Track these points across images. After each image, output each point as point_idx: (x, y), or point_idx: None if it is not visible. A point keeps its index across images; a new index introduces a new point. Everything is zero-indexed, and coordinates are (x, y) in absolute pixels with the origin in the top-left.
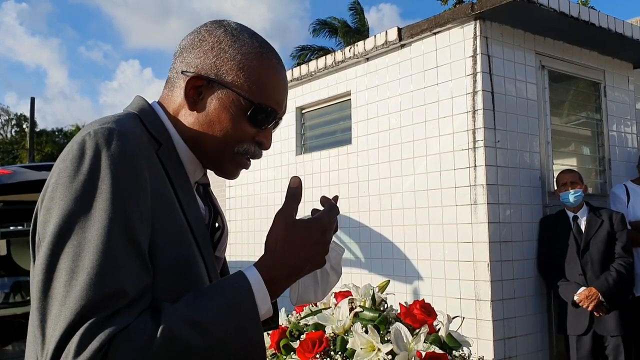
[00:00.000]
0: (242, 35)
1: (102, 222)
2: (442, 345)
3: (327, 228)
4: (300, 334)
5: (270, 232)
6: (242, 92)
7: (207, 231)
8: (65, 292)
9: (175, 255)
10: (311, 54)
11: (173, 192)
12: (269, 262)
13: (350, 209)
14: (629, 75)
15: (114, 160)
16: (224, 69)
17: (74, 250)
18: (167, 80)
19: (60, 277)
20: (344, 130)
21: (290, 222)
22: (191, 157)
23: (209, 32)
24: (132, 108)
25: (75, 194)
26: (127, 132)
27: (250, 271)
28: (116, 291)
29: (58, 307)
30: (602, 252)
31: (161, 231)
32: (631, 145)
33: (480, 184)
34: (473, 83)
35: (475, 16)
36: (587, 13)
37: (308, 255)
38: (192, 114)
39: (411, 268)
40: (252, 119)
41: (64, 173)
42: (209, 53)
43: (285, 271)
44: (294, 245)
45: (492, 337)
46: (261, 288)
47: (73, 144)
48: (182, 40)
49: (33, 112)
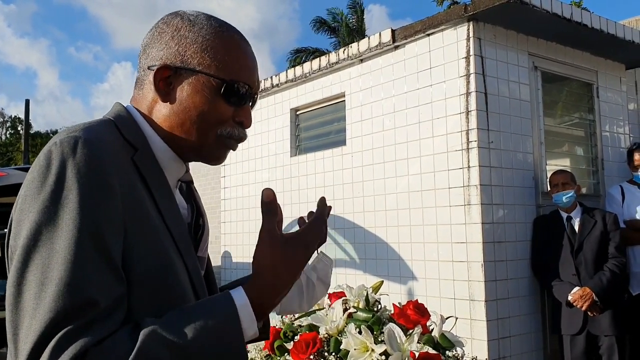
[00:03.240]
0: (199, 19)
1: (70, 232)
2: (436, 346)
3: (310, 243)
4: (294, 335)
5: (257, 253)
6: (211, 71)
7: (189, 233)
8: (35, 304)
9: (153, 263)
10: (306, 56)
11: (150, 198)
12: (258, 285)
13: (345, 209)
14: (621, 76)
15: (80, 169)
16: (187, 54)
17: (43, 262)
18: (136, 81)
19: (30, 289)
20: (338, 131)
21: (274, 242)
22: (171, 154)
23: (167, 23)
24: (109, 114)
25: (42, 205)
26: (95, 140)
27: (238, 293)
28: (87, 301)
29: (29, 319)
30: (595, 252)
31: (136, 239)
32: (624, 146)
33: (473, 185)
34: (466, 84)
35: (469, 17)
36: (580, 14)
37: (294, 273)
38: (166, 106)
39: (405, 269)
40: (227, 97)
41: (32, 185)
42: (170, 42)
43: (273, 292)
44: (281, 265)
45: (486, 337)
46: (248, 312)
47: (40, 155)
48: (143, 39)
49: (28, 114)
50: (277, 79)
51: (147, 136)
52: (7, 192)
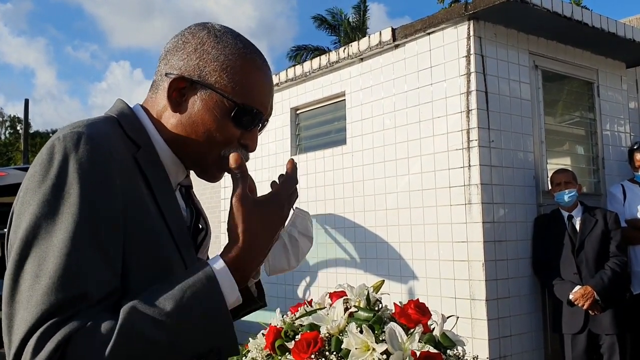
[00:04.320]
0: (225, 37)
1: (68, 227)
2: (437, 345)
3: (285, 202)
4: (295, 335)
5: (230, 218)
6: (226, 92)
7: (188, 233)
8: (29, 296)
9: (152, 259)
10: (307, 54)
11: (151, 195)
12: (233, 249)
13: (345, 209)
14: (621, 75)
15: (82, 165)
16: (207, 70)
17: (40, 255)
18: (152, 84)
19: (26, 281)
20: (338, 130)
21: (247, 204)
22: (173, 158)
23: (192, 34)
24: (111, 111)
25: (42, 198)
26: (97, 136)
27: (214, 260)
28: (79, 295)
29: (22, 311)
30: (596, 251)
31: (135, 235)
32: (624, 145)
33: (474, 184)
34: (467, 83)
35: (469, 16)
36: (580, 13)
37: (271, 234)
38: (175, 116)
39: (406, 268)
40: (236, 120)
41: (34, 178)
42: (192, 55)
43: (251, 255)
44: (255, 226)
45: (487, 336)
46: (226, 276)
47: (43, 149)
48: (166, 43)
49: (27, 114)
50: (277, 78)
51: (150, 136)
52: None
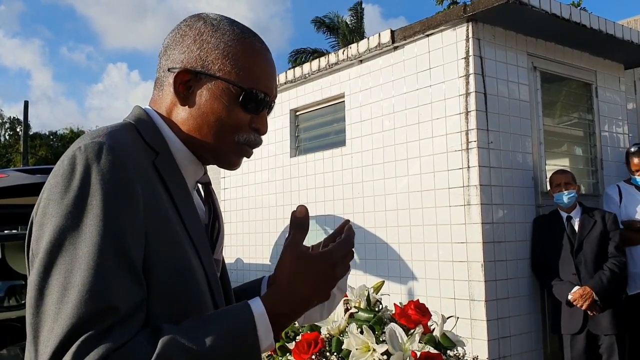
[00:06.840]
0: (222, 24)
1: (93, 239)
2: (437, 345)
3: (338, 263)
4: (296, 335)
5: (279, 265)
6: (231, 79)
7: (207, 236)
8: (57, 309)
9: (173, 268)
10: (306, 56)
11: (171, 202)
12: (275, 296)
13: (345, 210)
14: (620, 76)
15: (104, 175)
16: (209, 59)
17: (66, 267)
18: (156, 81)
19: (52, 294)
20: (338, 132)
21: (298, 255)
22: (190, 157)
23: (189, 26)
24: (129, 118)
25: (66, 210)
26: (118, 145)
27: (255, 303)
28: (108, 307)
29: (50, 323)
30: (595, 251)
31: (156, 244)
32: (623, 146)
33: (473, 185)
34: (466, 84)
35: (468, 18)
36: (579, 14)
37: (316, 290)
38: (185, 110)
39: (405, 269)
40: (244, 105)
41: (55, 189)
42: (192, 46)
43: (291, 306)
44: (302, 279)
45: (486, 336)
46: (264, 322)
47: (64, 159)
48: (164, 39)
49: (27, 116)
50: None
51: (166, 138)
52: (6, 194)
